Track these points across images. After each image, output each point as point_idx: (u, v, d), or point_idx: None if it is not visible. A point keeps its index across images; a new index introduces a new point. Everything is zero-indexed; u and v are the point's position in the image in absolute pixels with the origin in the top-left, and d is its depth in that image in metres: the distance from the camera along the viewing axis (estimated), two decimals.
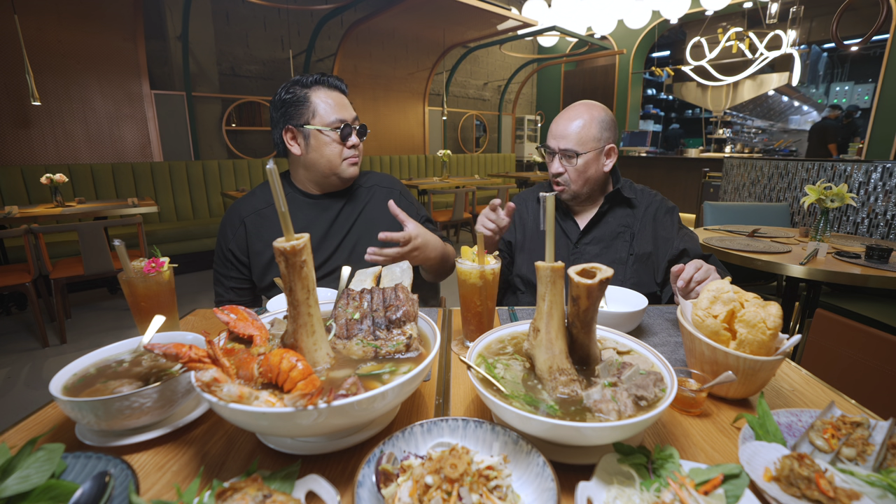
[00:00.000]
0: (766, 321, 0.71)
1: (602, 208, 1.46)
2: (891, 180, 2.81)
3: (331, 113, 1.28)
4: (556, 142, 1.40)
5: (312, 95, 1.28)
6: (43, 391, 2.56)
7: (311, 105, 1.28)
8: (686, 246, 1.41)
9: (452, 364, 0.91)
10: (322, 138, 1.29)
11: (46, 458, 0.52)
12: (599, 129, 1.39)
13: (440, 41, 7.26)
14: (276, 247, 0.60)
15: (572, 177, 1.41)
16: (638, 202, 1.47)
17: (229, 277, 1.41)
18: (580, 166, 1.39)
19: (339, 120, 1.29)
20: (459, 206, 5.42)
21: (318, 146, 1.30)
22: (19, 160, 4.44)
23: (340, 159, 1.32)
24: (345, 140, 1.30)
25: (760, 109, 12.50)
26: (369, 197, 1.47)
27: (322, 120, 1.28)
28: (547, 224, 0.68)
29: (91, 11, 4.53)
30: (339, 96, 1.32)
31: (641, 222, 1.45)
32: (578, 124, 1.38)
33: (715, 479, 0.51)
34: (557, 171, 1.42)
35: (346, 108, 1.31)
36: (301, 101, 1.28)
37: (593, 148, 1.38)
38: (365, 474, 0.51)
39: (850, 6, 2.69)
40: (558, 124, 1.41)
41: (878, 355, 1.21)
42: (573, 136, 1.37)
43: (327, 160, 1.31)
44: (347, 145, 1.31)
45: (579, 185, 1.42)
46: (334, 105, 1.29)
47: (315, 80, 1.31)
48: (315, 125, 1.28)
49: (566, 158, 1.40)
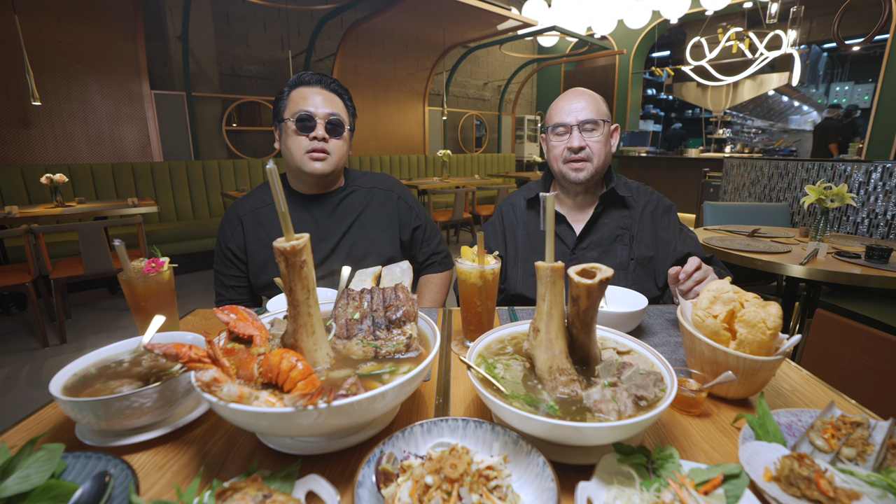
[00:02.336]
0: (766, 321, 0.71)
1: (597, 210, 1.40)
2: (891, 180, 2.81)
3: (297, 105, 1.29)
4: (572, 116, 1.34)
5: (293, 92, 1.31)
6: (43, 391, 2.56)
7: (288, 100, 1.31)
8: (689, 249, 1.37)
9: (452, 364, 0.91)
10: (287, 130, 1.30)
11: (46, 458, 0.52)
12: (606, 106, 1.38)
13: (440, 41, 7.26)
14: (276, 247, 0.60)
15: (595, 150, 1.34)
16: (634, 201, 1.42)
17: (229, 276, 1.41)
18: (602, 138, 1.34)
19: (302, 111, 1.28)
20: (459, 207, 5.42)
21: (284, 139, 1.33)
22: (19, 160, 4.44)
23: (302, 152, 1.30)
24: (303, 130, 1.28)
25: (760, 109, 12.50)
26: (369, 199, 1.45)
27: (290, 113, 1.29)
28: (547, 224, 0.68)
29: (91, 11, 4.54)
30: (315, 91, 1.31)
31: (640, 223, 1.40)
32: (589, 99, 1.35)
33: (715, 479, 0.51)
34: (580, 145, 1.33)
35: (318, 103, 1.29)
36: (283, 99, 1.32)
37: (609, 120, 1.36)
38: (365, 474, 0.51)
39: (851, 6, 2.69)
40: (570, 101, 1.35)
41: (879, 355, 1.21)
42: (591, 107, 1.33)
43: (290, 151, 1.31)
44: (309, 137, 1.29)
45: (601, 159, 1.35)
46: (304, 97, 1.29)
47: (296, 77, 1.33)
48: (285, 118, 1.30)
49: (587, 132, 1.33)
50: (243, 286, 1.43)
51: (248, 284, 1.43)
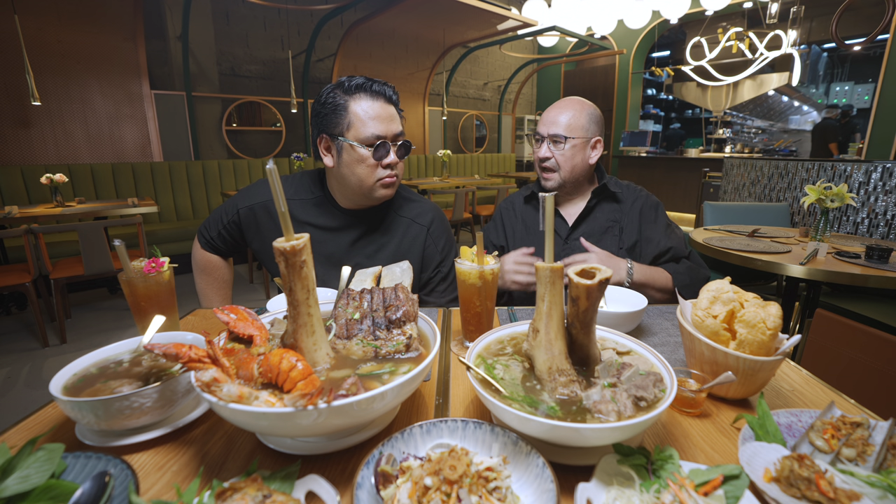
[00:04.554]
0: (765, 321, 0.71)
1: (590, 203, 1.49)
2: (891, 180, 2.81)
3: (368, 127, 1.14)
4: (545, 127, 1.46)
5: (352, 104, 1.15)
6: (43, 391, 2.56)
7: (349, 115, 1.14)
8: (673, 244, 1.45)
9: (452, 364, 0.91)
10: (354, 154, 1.16)
11: (46, 458, 0.52)
12: (588, 121, 1.44)
13: (440, 41, 7.26)
14: (276, 247, 0.60)
15: (559, 161, 1.44)
16: (624, 197, 1.51)
17: (212, 236, 1.42)
18: (567, 152, 1.43)
19: (376, 136, 1.14)
20: (459, 206, 5.42)
21: (349, 162, 1.17)
22: (19, 160, 4.44)
23: (373, 179, 1.19)
24: (380, 159, 1.17)
25: (760, 109, 12.50)
26: (404, 232, 1.35)
27: (357, 134, 1.14)
28: (546, 224, 0.68)
29: (91, 11, 4.54)
30: (382, 107, 1.16)
31: (629, 217, 1.48)
32: (569, 113, 1.43)
33: (715, 479, 0.51)
34: (545, 156, 1.45)
35: (388, 122, 1.16)
36: (338, 109, 1.15)
37: (581, 136, 1.43)
38: (364, 476, 0.51)
39: (851, 6, 2.69)
40: (550, 113, 1.47)
41: (878, 355, 1.21)
42: (562, 122, 1.43)
43: (358, 178, 1.18)
44: (382, 164, 1.18)
45: (566, 171, 1.45)
46: (373, 117, 1.14)
47: (358, 85, 1.16)
48: (349, 138, 1.15)
49: (554, 144, 1.44)
50: (221, 246, 1.43)
51: (225, 247, 1.44)
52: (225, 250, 1.46)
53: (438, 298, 1.40)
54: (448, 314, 1.17)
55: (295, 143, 6.55)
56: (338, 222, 1.31)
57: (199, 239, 1.45)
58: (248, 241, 1.39)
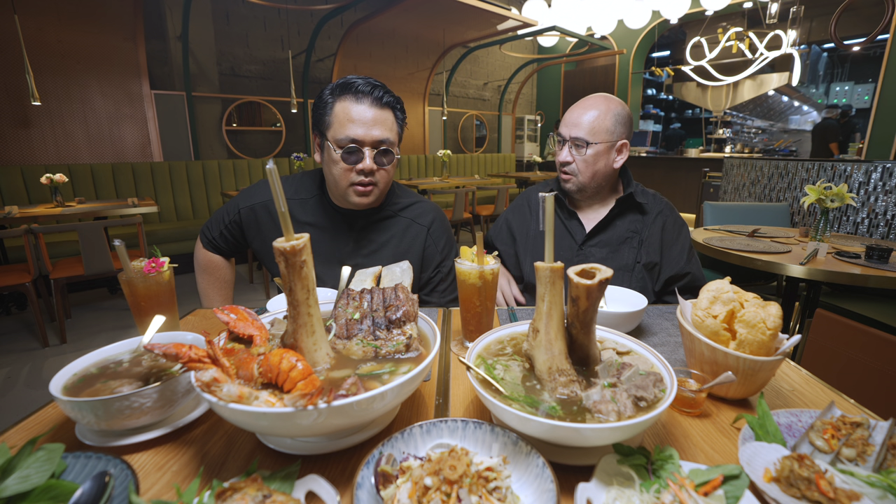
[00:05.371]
0: (765, 321, 0.71)
1: (612, 211, 1.41)
2: (891, 180, 2.81)
3: (344, 128, 1.11)
4: (567, 130, 1.37)
5: (336, 103, 1.13)
6: (43, 391, 2.56)
7: (332, 114, 1.14)
8: (691, 271, 1.39)
9: (452, 364, 0.91)
10: (332, 155, 1.15)
11: (46, 458, 0.52)
12: (613, 123, 1.34)
13: (440, 41, 7.26)
14: (276, 247, 0.60)
15: (580, 167, 1.36)
16: (649, 208, 1.43)
17: (214, 236, 1.42)
18: (589, 157, 1.34)
19: (349, 139, 1.11)
20: (459, 207, 5.41)
21: (328, 161, 1.18)
22: (19, 160, 4.44)
23: (346, 183, 1.17)
24: (352, 164, 1.14)
25: (760, 109, 12.51)
26: (404, 232, 1.34)
27: (334, 134, 1.13)
28: (546, 224, 0.68)
29: (91, 11, 4.54)
30: (366, 109, 1.12)
31: (650, 229, 1.40)
32: (593, 114, 1.34)
33: (715, 479, 0.51)
34: (565, 160, 1.37)
35: (367, 126, 1.12)
36: (326, 108, 1.15)
37: (605, 140, 1.34)
38: (364, 476, 0.51)
39: (850, 6, 2.69)
40: (573, 112, 1.37)
41: (878, 355, 1.21)
42: (586, 125, 1.33)
43: (334, 179, 1.19)
44: (356, 169, 1.14)
45: (587, 176, 1.37)
46: (351, 119, 1.11)
47: (346, 84, 1.13)
48: (328, 138, 1.15)
49: (576, 148, 1.35)
50: (223, 246, 1.44)
51: (227, 247, 1.44)
52: (227, 250, 1.46)
53: (438, 298, 1.39)
54: (448, 314, 1.17)
55: (295, 143, 6.55)
56: (338, 222, 1.31)
57: (202, 239, 1.46)
58: (248, 240, 1.40)
